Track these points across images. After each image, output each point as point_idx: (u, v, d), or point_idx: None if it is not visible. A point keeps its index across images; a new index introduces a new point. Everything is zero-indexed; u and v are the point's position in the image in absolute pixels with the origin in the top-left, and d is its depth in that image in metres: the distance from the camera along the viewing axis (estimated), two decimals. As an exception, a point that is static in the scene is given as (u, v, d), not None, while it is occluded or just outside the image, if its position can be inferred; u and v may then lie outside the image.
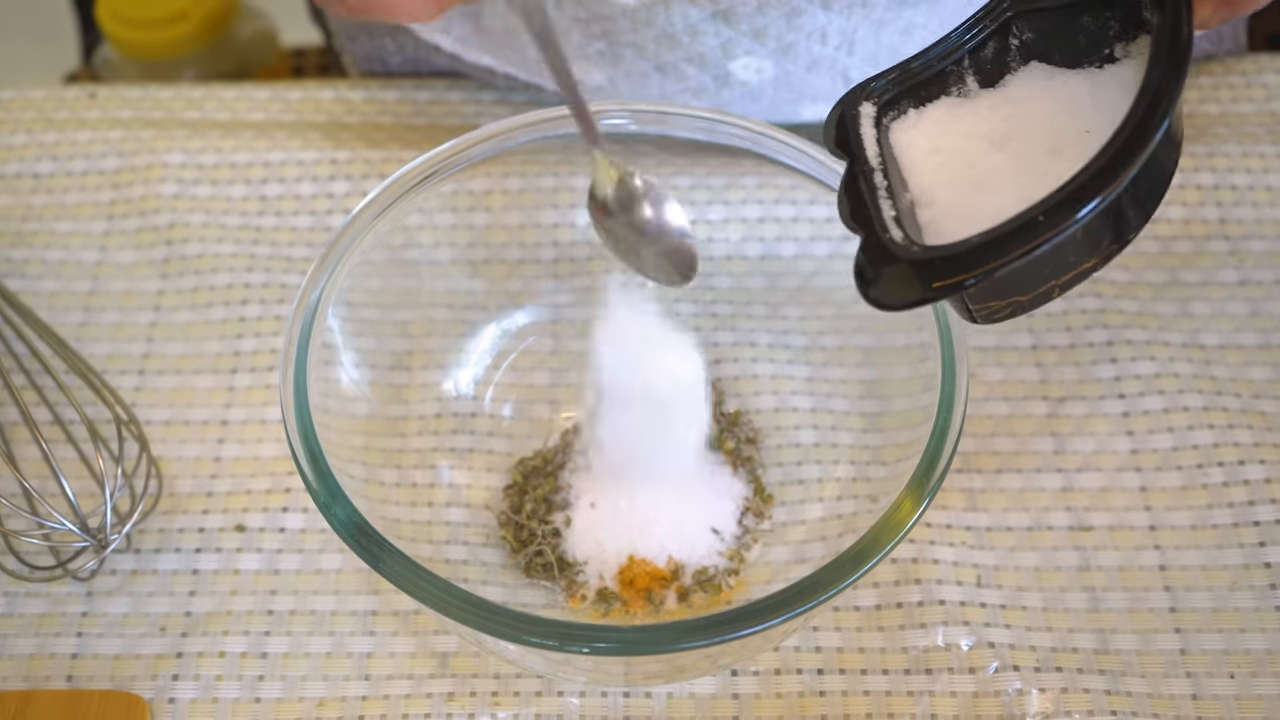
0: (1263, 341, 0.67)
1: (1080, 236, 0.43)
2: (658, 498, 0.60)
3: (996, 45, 0.49)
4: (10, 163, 0.77)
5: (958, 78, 0.50)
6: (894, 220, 0.47)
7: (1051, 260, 0.44)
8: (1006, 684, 0.57)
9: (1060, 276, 0.45)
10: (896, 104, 0.50)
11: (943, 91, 0.50)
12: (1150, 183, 0.44)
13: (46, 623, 0.61)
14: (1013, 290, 0.46)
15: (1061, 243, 0.42)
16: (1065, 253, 0.44)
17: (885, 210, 0.47)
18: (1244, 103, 0.77)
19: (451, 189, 0.64)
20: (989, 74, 0.49)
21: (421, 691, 0.58)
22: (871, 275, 0.46)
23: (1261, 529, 0.61)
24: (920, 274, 0.44)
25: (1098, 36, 0.47)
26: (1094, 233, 0.44)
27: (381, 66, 0.82)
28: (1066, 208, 0.41)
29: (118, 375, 0.68)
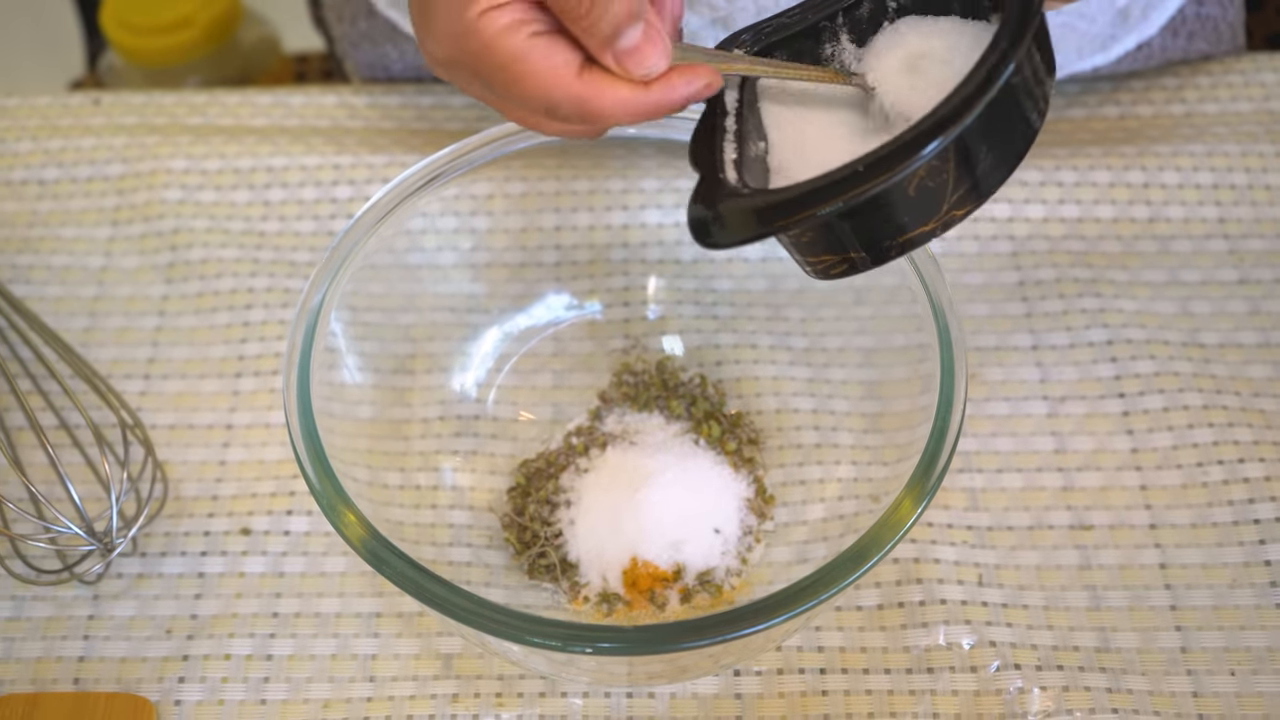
0: (1262, 340, 0.67)
1: (911, 193, 0.43)
2: (661, 500, 0.61)
3: (871, 6, 0.50)
4: (16, 169, 0.77)
5: (831, 34, 0.50)
6: (734, 163, 0.47)
7: (879, 215, 0.44)
8: (1008, 682, 0.58)
9: (895, 236, 0.45)
10: (769, 55, 0.51)
11: (817, 47, 0.51)
12: (993, 152, 0.44)
13: (53, 626, 0.61)
14: (844, 245, 0.46)
15: (884, 197, 0.43)
16: (893, 209, 0.44)
17: (727, 153, 0.48)
18: (1243, 102, 0.77)
19: (454, 193, 0.64)
20: (863, 34, 0.50)
21: (426, 693, 0.59)
22: (701, 213, 0.47)
23: (1261, 527, 0.61)
24: (745, 214, 0.45)
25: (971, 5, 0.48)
26: (925, 192, 0.44)
27: (384, 73, 0.82)
28: (887, 161, 0.42)
29: (123, 380, 0.69)
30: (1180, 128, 0.76)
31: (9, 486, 0.65)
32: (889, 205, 0.44)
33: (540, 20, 0.46)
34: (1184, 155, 0.74)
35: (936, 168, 0.43)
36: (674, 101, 0.46)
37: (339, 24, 0.83)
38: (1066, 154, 0.74)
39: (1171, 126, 0.76)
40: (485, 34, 0.46)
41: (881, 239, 0.46)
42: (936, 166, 0.43)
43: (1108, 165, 0.73)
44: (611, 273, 0.70)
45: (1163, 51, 0.76)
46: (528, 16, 0.46)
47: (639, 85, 0.46)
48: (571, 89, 0.46)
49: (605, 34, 0.45)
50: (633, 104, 0.46)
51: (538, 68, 0.46)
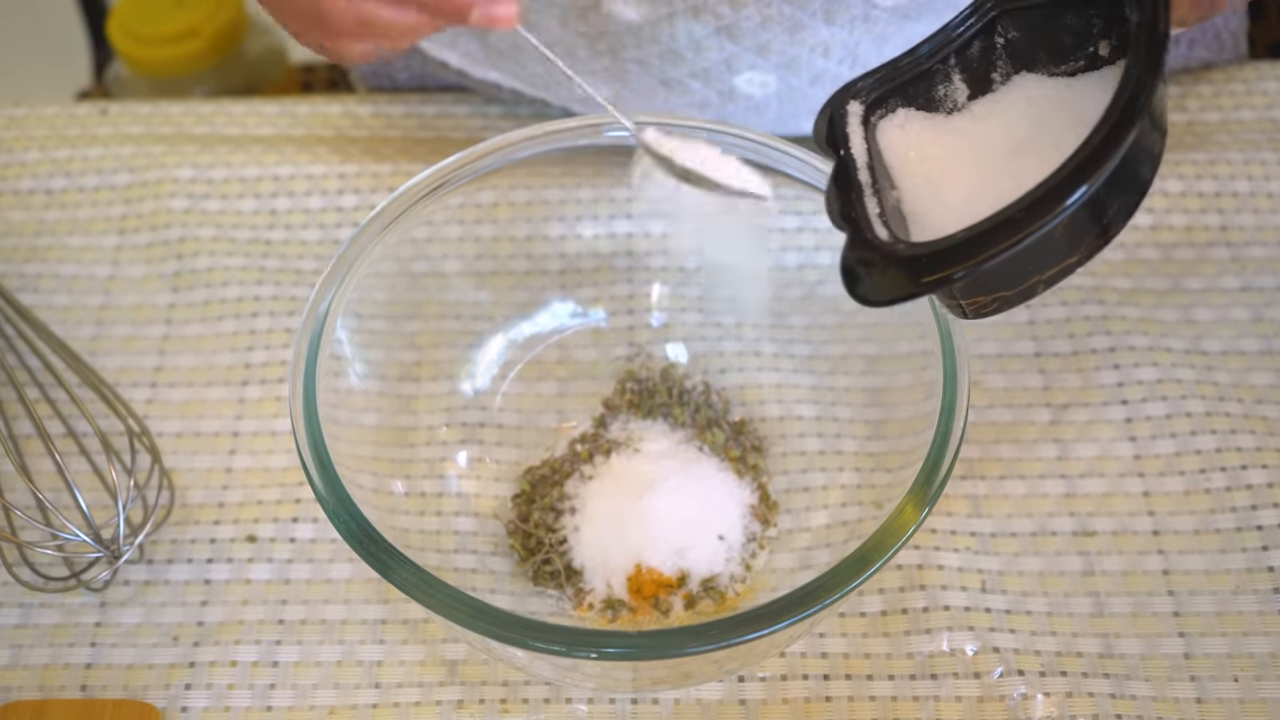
0: (1265, 347, 0.68)
1: (1061, 231, 0.43)
2: (665, 506, 0.61)
3: (982, 44, 0.50)
4: (24, 179, 0.78)
5: (944, 76, 0.50)
6: (879, 218, 0.48)
7: (1034, 255, 0.45)
8: (1011, 689, 0.58)
9: (1044, 271, 0.46)
10: (884, 103, 0.51)
11: (930, 90, 0.51)
12: (1132, 177, 0.45)
13: (61, 633, 0.61)
14: (998, 285, 0.46)
15: (1042, 237, 0.43)
16: (1047, 247, 0.44)
17: (870, 208, 0.48)
18: (1245, 110, 0.77)
19: (459, 201, 0.64)
20: (975, 73, 0.50)
21: (431, 699, 0.59)
22: (860, 272, 0.47)
23: (1264, 533, 0.61)
24: (907, 270, 0.45)
25: (1081, 34, 0.48)
26: (1076, 227, 0.44)
27: (389, 83, 0.83)
28: (1046, 203, 0.42)
29: (130, 388, 0.69)
30: (1183, 136, 0.76)
31: (17, 494, 0.65)
32: (1044, 245, 0.44)
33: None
34: (1186, 163, 0.74)
35: (1090, 201, 0.43)
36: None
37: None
38: (1069, 162, 0.74)
39: (1174, 135, 0.76)
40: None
41: (1031, 275, 0.46)
42: (1089, 203, 0.43)
43: (1110, 173, 0.73)
44: (616, 280, 0.70)
45: (1165, 60, 0.77)
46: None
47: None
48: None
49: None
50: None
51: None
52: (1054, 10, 0.48)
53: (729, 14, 0.65)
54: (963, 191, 0.48)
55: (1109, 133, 0.42)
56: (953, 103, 0.50)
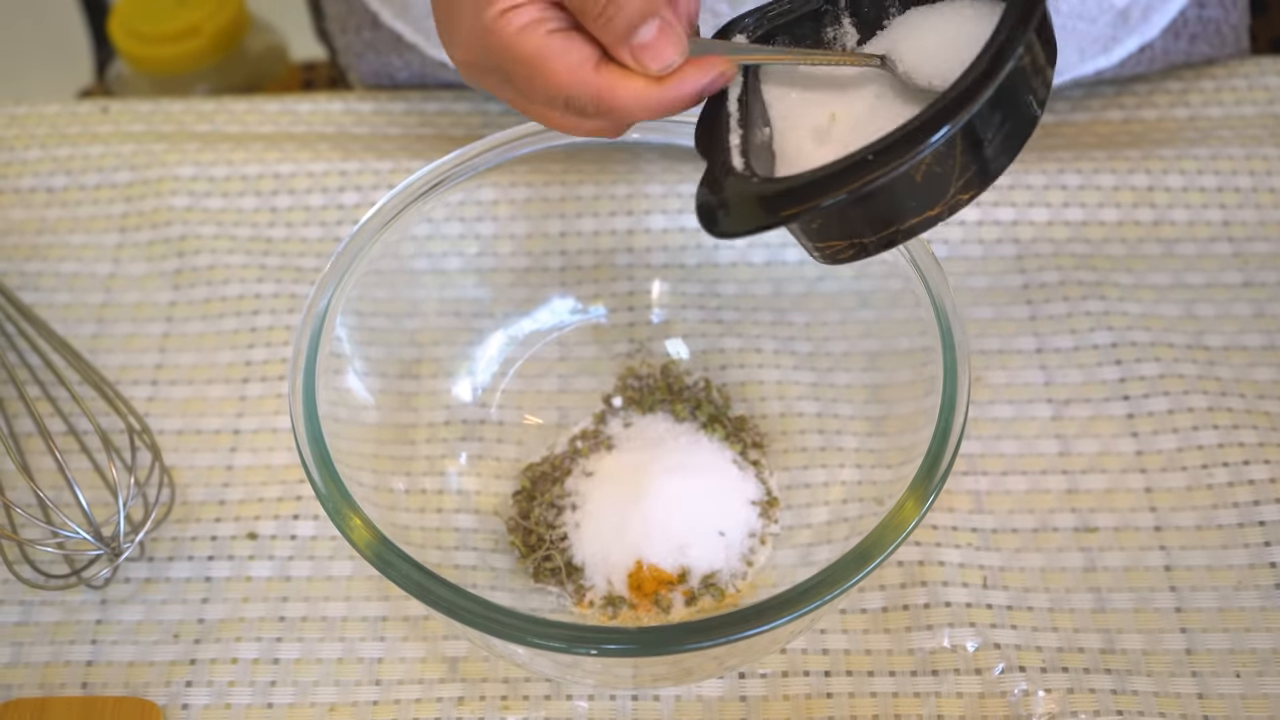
0: (1267, 343, 0.67)
1: (918, 180, 0.44)
2: (666, 503, 0.61)
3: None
4: (25, 177, 0.78)
5: (834, 18, 0.51)
6: (740, 150, 0.48)
7: (888, 201, 0.45)
8: (1013, 685, 0.58)
9: (903, 221, 0.46)
10: (771, 39, 0.51)
11: (819, 30, 0.51)
12: (999, 136, 0.44)
13: (62, 630, 0.61)
14: (853, 230, 0.46)
15: (894, 184, 0.43)
16: (901, 195, 0.44)
17: (733, 140, 0.48)
18: (1247, 106, 0.77)
19: (459, 198, 0.64)
20: (866, 17, 0.50)
21: (432, 696, 0.59)
22: (711, 201, 0.47)
23: (1267, 529, 0.61)
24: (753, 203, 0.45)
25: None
26: (932, 178, 0.44)
27: (389, 82, 0.83)
28: (898, 148, 0.42)
29: (131, 386, 0.69)
30: (1184, 131, 0.76)
31: (17, 492, 0.66)
32: (897, 192, 0.44)
33: (558, 18, 0.48)
34: (1188, 159, 0.74)
35: (944, 154, 0.43)
36: (689, 94, 0.48)
37: (342, 35, 0.83)
38: (1071, 158, 0.74)
39: (1176, 130, 0.76)
40: (505, 33, 0.47)
41: (889, 224, 0.46)
42: (944, 152, 0.43)
43: (1112, 169, 0.73)
44: (616, 277, 0.70)
45: (1165, 54, 0.77)
46: (545, 15, 0.48)
47: (654, 80, 0.47)
48: (589, 83, 0.47)
49: (621, 30, 0.46)
50: (648, 98, 0.47)
51: (556, 64, 0.47)
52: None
53: (727, 11, 0.65)
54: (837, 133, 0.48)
55: (970, 83, 0.42)
56: (841, 45, 0.51)
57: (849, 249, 0.47)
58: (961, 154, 0.44)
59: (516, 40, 0.47)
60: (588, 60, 0.47)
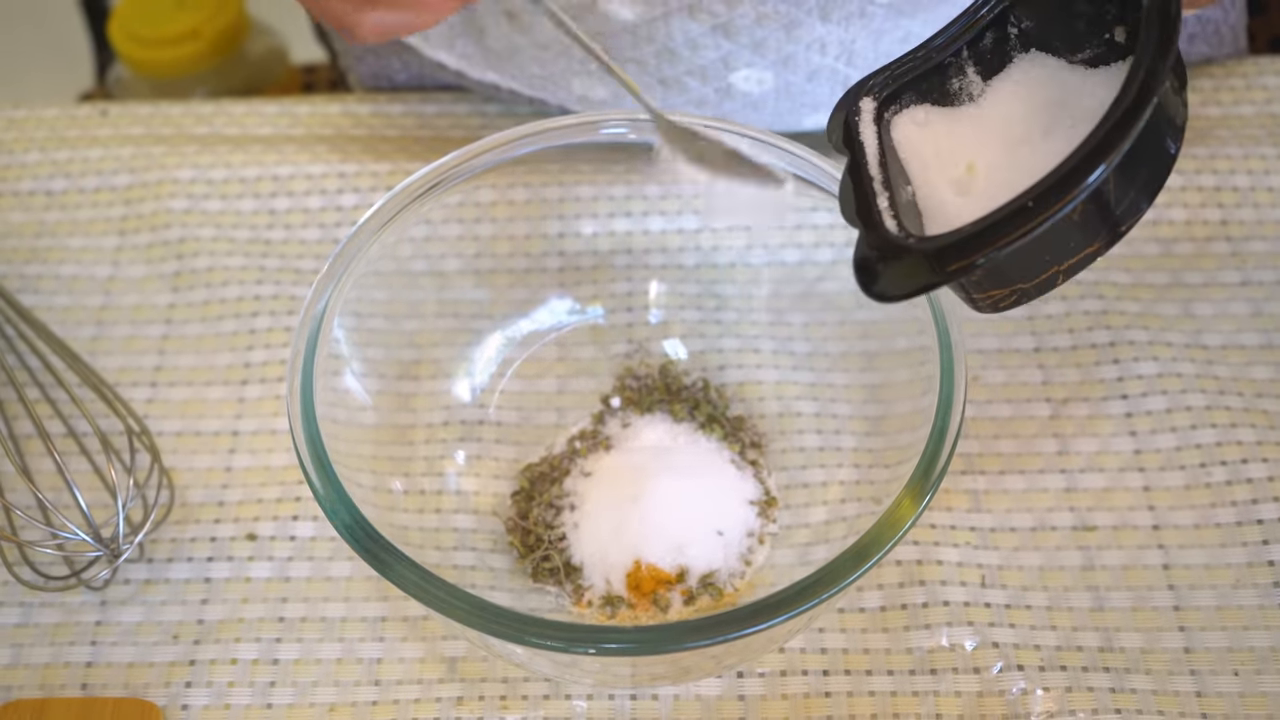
0: (1265, 341, 0.67)
1: (1075, 219, 0.43)
2: (663, 502, 0.61)
3: (995, 35, 0.49)
4: (24, 180, 0.78)
5: (958, 69, 0.50)
6: (889, 212, 0.48)
7: (1049, 244, 0.44)
8: (1011, 683, 0.58)
9: (1062, 262, 0.45)
10: (898, 98, 0.51)
11: (944, 83, 0.50)
12: (1149, 164, 0.44)
13: (61, 632, 0.62)
14: (1014, 277, 0.46)
15: (1055, 226, 0.42)
16: (1061, 236, 0.44)
17: (881, 203, 0.48)
18: (1245, 105, 0.77)
19: (457, 200, 0.65)
20: (990, 65, 0.50)
21: (431, 696, 0.59)
22: (876, 268, 0.47)
23: (1265, 527, 0.61)
24: (919, 262, 0.45)
25: (1095, 20, 0.47)
26: (1090, 215, 0.44)
27: (388, 83, 0.83)
28: (1056, 191, 0.42)
29: (130, 388, 0.69)
30: (1182, 130, 0.76)
31: (17, 494, 0.66)
32: (1057, 235, 0.44)
33: None
34: (1186, 158, 0.74)
35: (1101, 191, 0.43)
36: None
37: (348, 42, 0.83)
38: (1068, 157, 0.74)
39: (1173, 129, 0.76)
40: None
41: (1050, 266, 0.45)
42: (1101, 190, 0.43)
43: (1109, 168, 0.73)
44: (614, 278, 0.70)
45: (1163, 54, 0.77)
46: None
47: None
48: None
49: None
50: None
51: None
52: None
53: (724, 12, 0.65)
54: (973, 185, 0.48)
55: (1120, 118, 0.42)
56: (968, 95, 0.50)
57: (1010, 296, 0.47)
58: (1116, 188, 0.43)
59: None
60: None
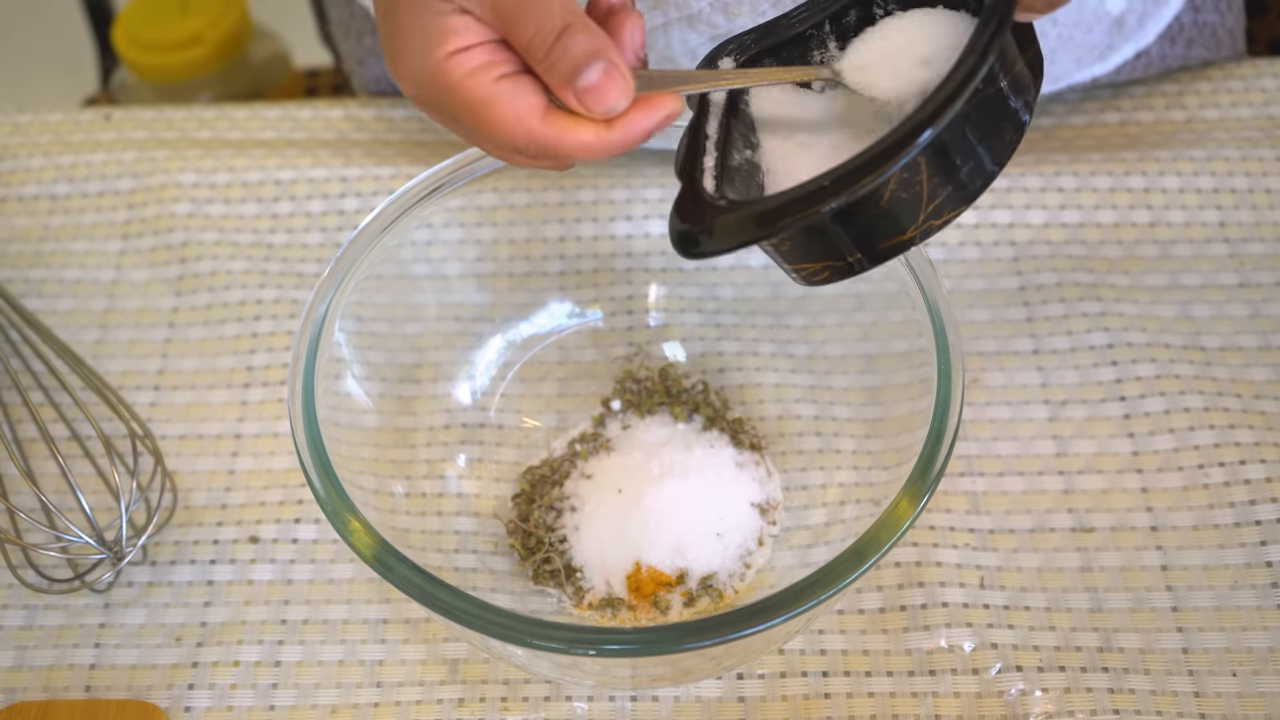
0: (1263, 343, 0.68)
1: (883, 204, 0.43)
2: (664, 505, 0.61)
3: (859, 14, 0.50)
4: (28, 185, 0.78)
5: (819, 41, 0.51)
6: (713, 173, 0.48)
7: (854, 227, 0.45)
8: (1010, 684, 0.58)
9: (875, 244, 0.45)
10: (759, 61, 0.51)
11: (805, 53, 0.51)
12: (970, 160, 0.44)
13: (65, 634, 0.62)
14: (825, 254, 0.46)
15: (854, 212, 0.43)
16: (869, 221, 0.44)
17: (707, 162, 0.48)
18: (1243, 107, 0.78)
19: (458, 204, 0.65)
20: (851, 36, 0.50)
21: (432, 698, 0.59)
22: (675, 224, 0.47)
23: (1263, 528, 0.62)
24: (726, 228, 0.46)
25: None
26: (901, 203, 0.44)
27: (390, 88, 0.83)
28: (852, 176, 0.42)
29: (133, 391, 0.70)
30: (1180, 133, 0.76)
31: (21, 497, 0.66)
32: (861, 217, 0.44)
33: (506, 61, 0.47)
34: (1184, 160, 0.74)
35: (908, 179, 0.43)
36: (635, 138, 0.47)
37: (345, 40, 0.84)
38: (1067, 160, 0.74)
39: (1172, 132, 0.77)
40: (453, 76, 0.46)
41: (858, 247, 0.46)
42: (908, 178, 0.43)
43: (1108, 171, 0.74)
44: (615, 281, 0.70)
45: (1161, 59, 0.77)
46: (494, 58, 0.47)
47: (601, 124, 0.46)
48: (536, 132, 0.46)
49: (566, 73, 0.45)
50: (595, 144, 0.46)
51: (503, 111, 0.46)
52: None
53: (723, 23, 0.65)
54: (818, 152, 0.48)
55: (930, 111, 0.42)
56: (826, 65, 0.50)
57: (823, 271, 0.47)
58: (930, 178, 0.43)
59: (463, 85, 0.46)
60: (535, 108, 0.46)
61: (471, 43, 0.46)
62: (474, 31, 0.46)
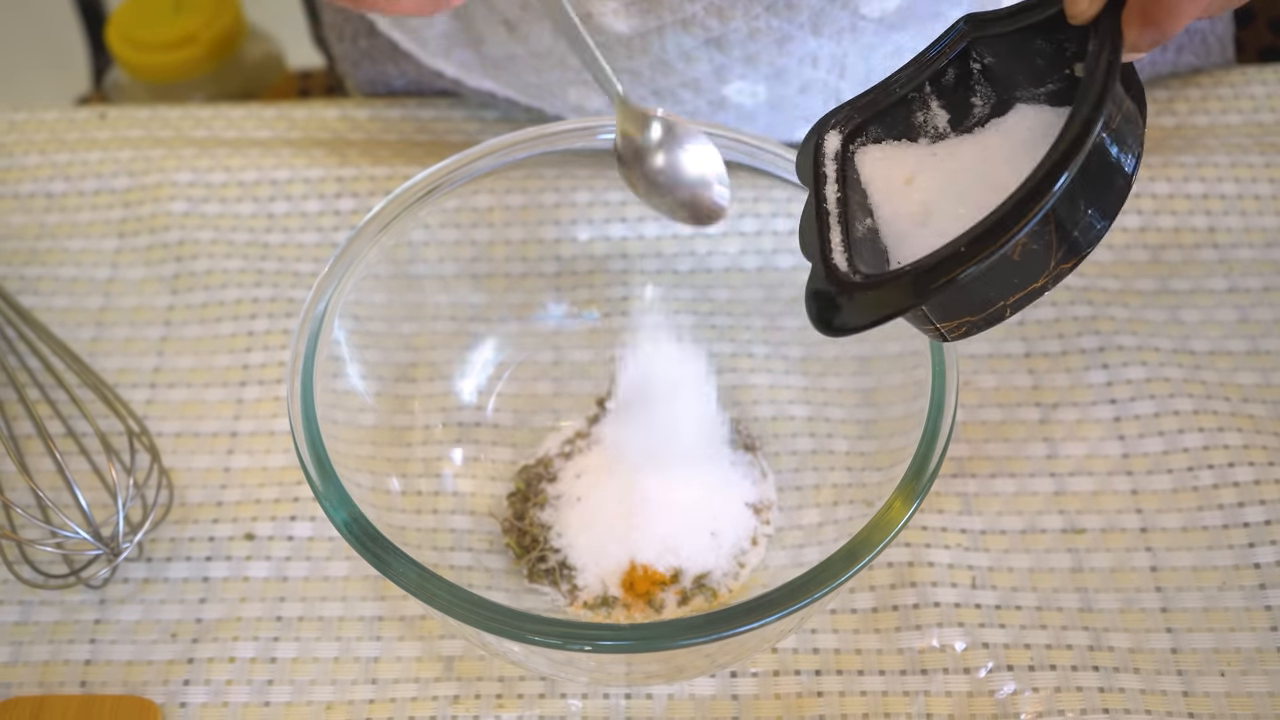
0: (1251, 347, 0.68)
1: (1016, 259, 0.44)
2: (658, 504, 0.62)
3: (958, 71, 0.50)
4: (24, 182, 0.79)
5: (921, 103, 0.51)
6: (841, 247, 0.49)
7: (986, 286, 0.45)
8: (1000, 683, 0.58)
9: (1008, 297, 0.46)
10: (863, 131, 0.51)
11: (908, 117, 0.51)
12: (1093, 204, 0.45)
13: (61, 629, 0.62)
14: (959, 313, 0.47)
15: (989, 272, 0.43)
16: (1001, 277, 0.45)
17: (834, 238, 0.49)
18: (1232, 114, 0.78)
19: (455, 204, 0.65)
20: (955, 99, 0.50)
21: (427, 694, 0.60)
22: (831, 300, 0.48)
23: (1251, 530, 0.62)
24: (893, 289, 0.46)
25: (1054, 57, 0.48)
26: (1032, 254, 0.45)
27: (385, 90, 0.83)
28: (987, 238, 0.43)
29: (129, 388, 0.70)
30: (1170, 139, 0.77)
31: (17, 493, 0.66)
32: (995, 275, 0.45)
33: None
34: (1174, 166, 0.75)
35: (1038, 232, 0.43)
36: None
37: (339, 43, 0.84)
38: (1058, 165, 0.75)
39: (1161, 138, 0.77)
40: None
41: (994, 302, 0.46)
42: (1038, 231, 0.43)
43: (1099, 176, 0.74)
44: (610, 282, 0.71)
45: (1151, 65, 0.78)
46: None
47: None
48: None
49: None
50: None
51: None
52: (1025, 36, 0.48)
53: (717, 26, 0.65)
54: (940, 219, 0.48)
55: (1052, 166, 0.42)
56: (933, 128, 0.51)
57: (958, 328, 0.48)
58: (1057, 229, 0.44)
59: None
60: None
61: None
62: None
